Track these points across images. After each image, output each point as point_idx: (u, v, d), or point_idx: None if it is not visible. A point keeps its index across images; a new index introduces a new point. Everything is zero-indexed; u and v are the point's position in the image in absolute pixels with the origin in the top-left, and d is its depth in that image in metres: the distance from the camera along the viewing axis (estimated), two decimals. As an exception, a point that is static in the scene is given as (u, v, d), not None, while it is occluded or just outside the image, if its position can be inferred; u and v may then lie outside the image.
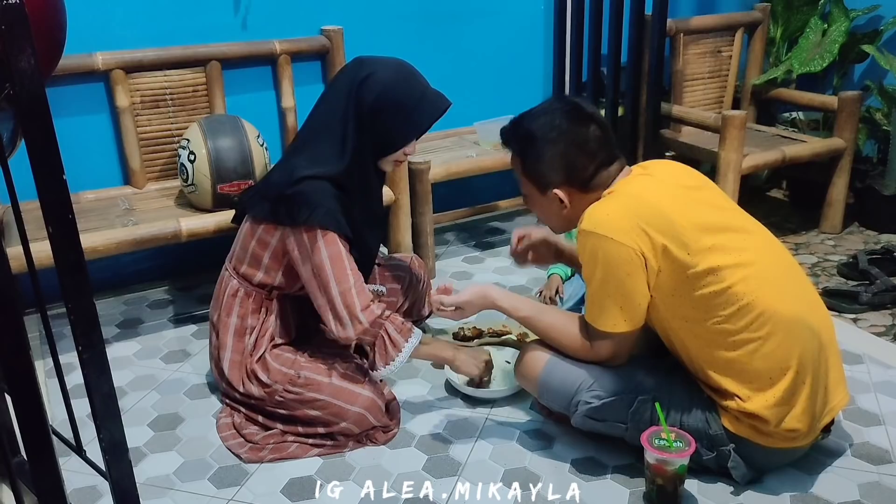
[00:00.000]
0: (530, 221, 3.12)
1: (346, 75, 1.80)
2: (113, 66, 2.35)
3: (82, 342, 1.03)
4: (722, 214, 1.56)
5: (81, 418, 1.44)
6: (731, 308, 1.46)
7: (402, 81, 1.77)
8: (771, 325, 1.47)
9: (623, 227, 1.47)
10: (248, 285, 1.84)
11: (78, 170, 2.30)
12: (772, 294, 1.48)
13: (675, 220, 1.47)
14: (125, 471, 1.14)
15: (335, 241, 1.70)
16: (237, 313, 1.84)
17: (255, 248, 1.81)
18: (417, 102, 1.77)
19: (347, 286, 1.70)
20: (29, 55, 0.89)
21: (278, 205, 1.74)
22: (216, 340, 1.87)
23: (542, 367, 1.66)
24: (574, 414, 1.62)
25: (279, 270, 1.81)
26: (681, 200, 1.52)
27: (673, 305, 1.51)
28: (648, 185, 1.55)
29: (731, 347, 1.49)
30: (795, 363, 1.48)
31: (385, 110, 1.75)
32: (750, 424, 1.51)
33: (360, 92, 1.75)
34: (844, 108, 2.80)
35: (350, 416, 1.73)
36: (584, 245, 1.52)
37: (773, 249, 1.58)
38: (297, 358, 1.81)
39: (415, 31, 2.83)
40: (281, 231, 1.76)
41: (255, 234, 1.82)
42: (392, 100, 1.75)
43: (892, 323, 2.27)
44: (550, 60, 3.11)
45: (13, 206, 1.18)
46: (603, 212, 1.51)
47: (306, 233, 1.70)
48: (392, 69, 1.78)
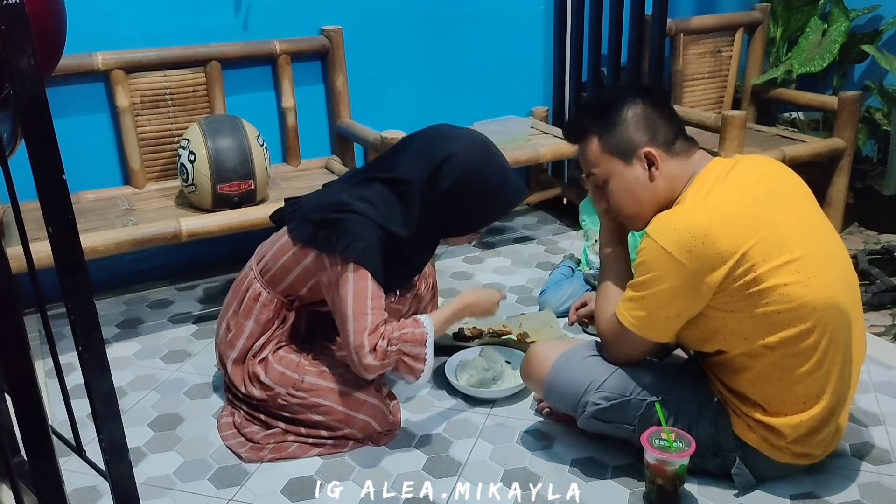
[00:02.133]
0: (530, 221, 3.12)
1: (427, 145, 1.73)
2: (113, 66, 2.36)
3: (82, 342, 1.03)
4: (797, 226, 1.46)
5: (81, 418, 1.45)
6: (794, 329, 1.41)
7: (484, 169, 1.70)
8: (823, 351, 1.43)
9: (689, 245, 1.39)
10: (272, 291, 1.81)
11: (78, 170, 2.30)
12: (837, 318, 1.44)
13: (741, 240, 1.39)
14: (125, 471, 1.14)
15: (364, 278, 1.64)
16: (255, 318, 1.80)
17: (287, 262, 1.77)
18: (496, 192, 1.71)
19: (362, 326, 1.64)
20: (29, 55, 0.89)
21: (320, 229, 1.69)
22: (226, 339, 1.84)
23: (549, 368, 1.65)
24: (581, 415, 1.61)
25: (306, 286, 1.78)
26: (748, 215, 1.42)
27: (732, 320, 1.44)
28: (726, 197, 1.44)
29: (781, 366, 1.45)
30: (829, 393, 1.46)
31: (462, 197, 1.69)
32: (762, 435, 1.50)
33: (439, 173, 1.68)
34: (844, 108, 2.80)
35: (355, 423, 1.73)
36: (644, 247, 1.45)
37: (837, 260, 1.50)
38: (300, 361, 1.79)
39: (415, 31, 2.83)
40: (316, 254, 1.71)
41: (289, 249, 1.77)
42: (471, 188, 1.68)
43: (892, 323, 2.27)
44: (550, 60, 3.11)
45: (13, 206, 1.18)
46: (672, 225, 1.42)
47: (340, 263, 1.66)
48: (476, 153, 1.71)
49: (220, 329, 1.89)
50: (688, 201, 1.47)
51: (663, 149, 1.52)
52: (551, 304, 2.32)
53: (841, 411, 1.52)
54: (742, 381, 1.50)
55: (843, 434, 1.60)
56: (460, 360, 2.01)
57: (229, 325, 1.84)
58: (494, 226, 3.09)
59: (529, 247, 2.89)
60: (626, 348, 1.57)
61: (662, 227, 1.43)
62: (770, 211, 1.44)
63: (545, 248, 2.87)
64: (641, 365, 1.61)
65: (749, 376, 1.49)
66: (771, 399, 1.48)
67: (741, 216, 1.41)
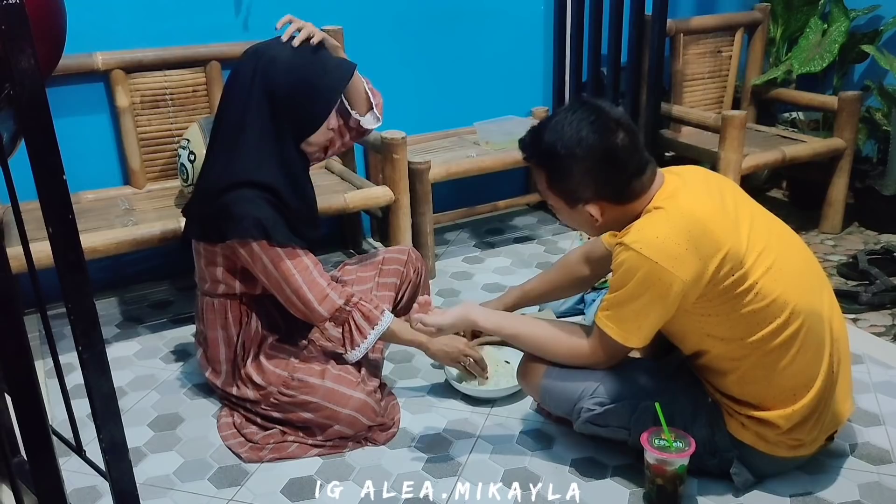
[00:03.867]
0: (530, 222, 3.12)
1: (246, 66, 1.74)
2: (113, 66, 2.35)
3: (82, 342, 1.03)
4: (754, 223, 1.48)
5: (81, 418, 1.45)
6: (772, 325, 1.44)
7: (302, 59, 1.73)
8: (801, 341, 1.45)
9: (673, 253, 1.39)
10: (218, 298, 1.83)
11: (78, 170, 2.29)
12: (808, 304, 1.46)
13: (722, 241, 1.41)
14: (125, 471, 1.14)
15: (270, 248, 1.69)
16: (219, 325, 1.83)
17: (205, 266, 1.82)
18: (323, 72, 1.74)
19: (296, 285, 1.71)
20: (29, 55, 0.89)
21: (206, 225, 1.74)
22: (206, 358, 1.87)
23: (543, 373, 1.65)
24: (577, 420, 1.62)
25: (236, 279, 1.81)
26: (720, 215, 1.45)
27: (709, 324, 1.47)
28: (695, 200, 1.46)
29: (763, 364, 1.46)
30: (819, 380, 1.47)
31: (297, 90, 1.71)
32: (755, 431, 1.51)
33: (267, 78, 1.70)
34: (844, 108, 2.80)
35: (342, 419, 1.73)
36: (625, 259, 1.44)
37: (796, 250, 1.54)
38: (290, 359, 1.81)
39: (415, 31, 2.82)
40: (220, 247, 1.76)
41: (200, 252, 1.82)
42: (300, 78, 1.71)
43: (892, 323, 2.27)
44: (550, 60, 3.11)
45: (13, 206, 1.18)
46: (653, 233, 1.42)
47: (241, 247, 1.70)
48: (289, 49, 1.74)
49: (199, 355, 1.92)
50: (662, 212, 1.45)
51: (609, 201, 1.48)
52: (551, 304, 2.32)
53: (833, 393, 1.52)
54: (728, 382, 1.52)
55: (842, 422, 1.59)
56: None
57: (205, 345, 1.87)
58: (494, 226, 3.09)
59: (529, 247, 2.89)
60: (613, 356, 1.56)
61: (643, 238, 1.42)
62: (731, 212, 1.47)
63: (545, 248, 2.87)
64: (636, 368, 1.62)
65: (734, 378, 1.50)
66: (761, 397, 1.49)
67: (713, 220, 1.43)
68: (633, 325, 1.48)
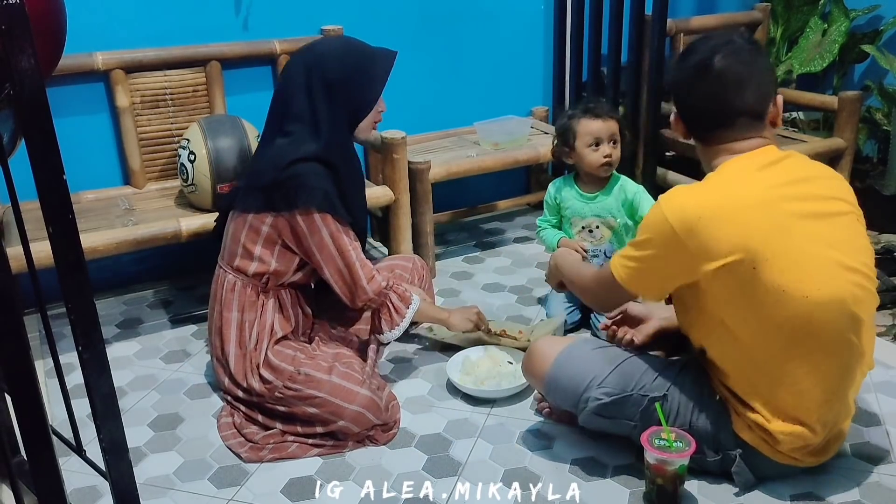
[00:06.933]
0: (530, 221, 3.12)
1: (300, 60, 1.86)
2: (113, 66, 2.35)
3: (82, 342, 1.03)
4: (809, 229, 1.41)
5: (81, 418, 1.45)
6: (784, 331, 1.40)
7: (352, 49, 1.87)
8: (813, 362, 1.42)
9: (690, 224, 1.39)
10: (244, 277, 1.86)
11: (78, 170, 2.29)
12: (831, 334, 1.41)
13: (748, 236, 1.37)
14: (125, 471, 1.14)
15: (332, 222, 1.78)
16: (236, 307, 1.85)
17: (246, 239, 1.84)
18: (372, 61, 1.87)
19: (351, 261, 1.81)
20: (29, 55, 0.89)
21: (272, 192, 1.78)
22: (220, 338, 1.87)
23: (550, 364, 1.65)
24: (582, 411, 1.61)
25: (273, 257, 1.84)
26: (761, 209, 1.39)
27: (725, 312, 1.44)
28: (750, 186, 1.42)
29: (768, 371, 1.44)
30: (827, 407, 1.46)
31: (350, 77, 1.83)
32: (761, 436, 1.50)
33: (321, 69, 1.82)
34: (844, 108, 2.80)
35: (348, 415, 1.74)
36: (653, 213, 1.48)
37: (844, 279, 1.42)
38: (296, 355, 1.82)
39: (415, 31, 2.82)
40: (273, 217, 1.80)
41: (244, 224, 1.84)
42: (352, 66, 1.84)
43: (892, 323, 2.26)
44: (550, 60, 3.11)
45: (13, 206, 1.18)
46: (684, 199, 1.44)
47: (303, 216, 1.76)
48: (339, 43, 1.93)
49: (211, 337, 1.93)
50: (710, 181, 1.48)
51: (698, 139, 1.55)
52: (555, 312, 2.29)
53: (837, 421, 1.52)
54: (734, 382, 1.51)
55: (845, 437, 1.60)
56: (463, 359, 2.02)
57: (218, 325, 1.88)
58: (494, 226, 3.09)
59: (529, 247, 2.89)
60: (608, 296, 1.65)
61: (673, 200, 1.45)
62: (784, 211, 1.40)
63: (545, 248, 2.86)
64: (644, 361, 1.62)
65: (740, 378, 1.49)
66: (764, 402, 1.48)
67: (750, 210, 1.39)
68: (636, 272, 1.52)
